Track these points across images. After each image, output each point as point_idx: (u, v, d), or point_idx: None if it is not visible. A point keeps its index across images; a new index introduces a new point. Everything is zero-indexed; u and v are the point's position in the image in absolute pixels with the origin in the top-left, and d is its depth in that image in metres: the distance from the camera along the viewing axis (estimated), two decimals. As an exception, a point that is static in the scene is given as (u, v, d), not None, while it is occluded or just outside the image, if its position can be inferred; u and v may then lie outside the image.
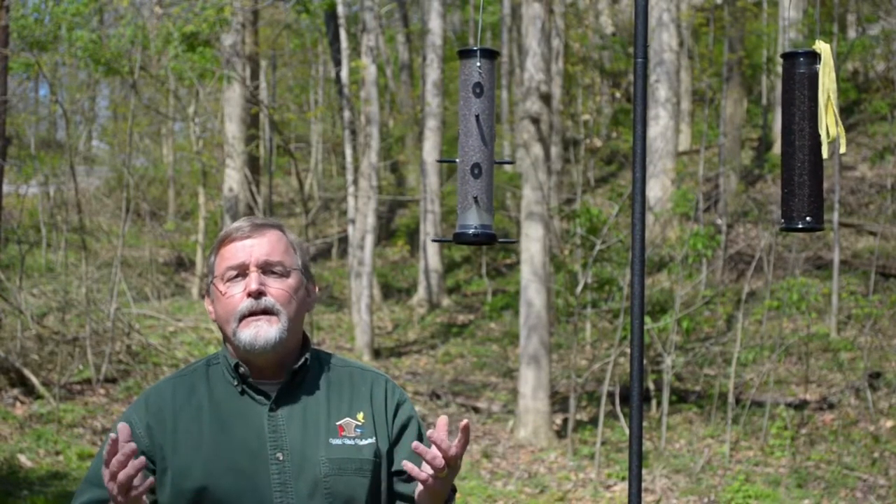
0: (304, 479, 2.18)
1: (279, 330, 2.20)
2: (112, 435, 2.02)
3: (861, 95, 19.05)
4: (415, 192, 19.74)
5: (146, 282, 15.24)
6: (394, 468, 2.28)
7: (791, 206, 2.14)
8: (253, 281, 2.20)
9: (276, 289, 2.22)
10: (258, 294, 2.20)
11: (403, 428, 2.31)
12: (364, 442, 2.23)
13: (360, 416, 2.26)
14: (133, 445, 2.00)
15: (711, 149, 17.54)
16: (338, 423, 2.23)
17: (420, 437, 2.31)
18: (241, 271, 2.22)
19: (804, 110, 2.13)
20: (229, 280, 2.23)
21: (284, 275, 2.24)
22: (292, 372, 2.24)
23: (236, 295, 2.21)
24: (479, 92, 2.18)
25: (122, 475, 1.98)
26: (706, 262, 12.21)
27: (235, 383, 2.24)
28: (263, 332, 2.19)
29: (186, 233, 19.29)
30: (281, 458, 2.18)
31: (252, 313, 2.20)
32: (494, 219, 2.57)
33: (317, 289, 2.37)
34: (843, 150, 2.13)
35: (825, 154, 2.12)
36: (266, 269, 2.23)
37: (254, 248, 2.23)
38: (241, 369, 2.23)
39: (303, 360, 2.25)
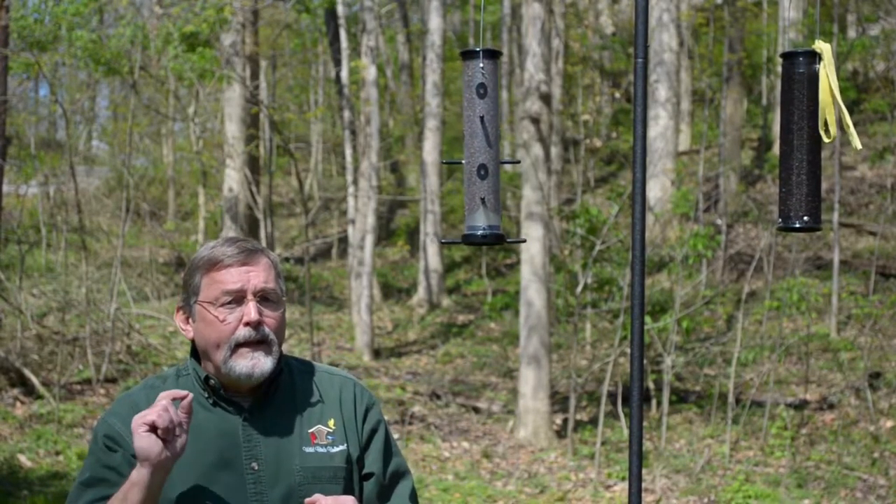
0: (279, 488, 2.21)
1: (273, 361, 2.23)
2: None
3: (861, 95, 19.05)
4: (415, 192, 19.74)
5: (146, 282, 15.23)
6: (364, 472, 2.31)
7: (789, 206, 2.13)
8: (253, 310, 2.21)
9: (271, 318, 2.24)
10: (257, 324, 2.21)
11: (372, 433, 2.33)
12: (336, 449, 2.26)
13: (331, 422, 2.28)
14: (190, 397, 2.12)
15: (711, 149, 17.54)
16: (310, 431, 2.26)
17: (387, 443, 2.35)
18: (237, 297, 2.22)
19: (803, 110, 2.13)
20: (223, 305, 2.22)
21: (277, 303, 2.26)
22: (266, 386, 2.26)
23: (232, 322, 2.21)
24: (482, 93, 2.17)
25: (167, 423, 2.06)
26: (706, 262, 12.21)
27: (206, 395, 2.25)
28: (260, 364, 2.21)
29: (186, 233, 19.29)
30: (256, 468, 2.21)
31: (247, 343, 2.21)
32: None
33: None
34: (857, 146, 2.12)
35: (854, 145, 2.11)
36: (262, 297, 2.24)
37: (251, 274, 2.24)
38: (212, 382, 2.24)
39: (277, 371, 2.27)
